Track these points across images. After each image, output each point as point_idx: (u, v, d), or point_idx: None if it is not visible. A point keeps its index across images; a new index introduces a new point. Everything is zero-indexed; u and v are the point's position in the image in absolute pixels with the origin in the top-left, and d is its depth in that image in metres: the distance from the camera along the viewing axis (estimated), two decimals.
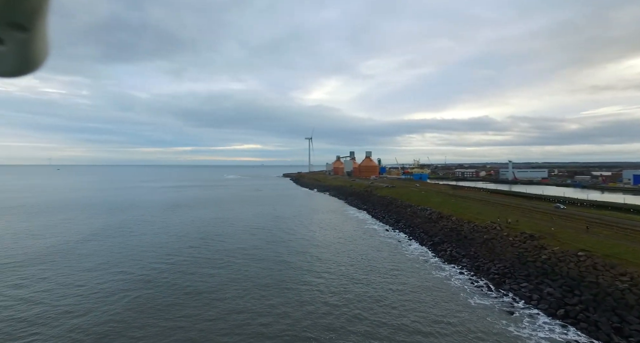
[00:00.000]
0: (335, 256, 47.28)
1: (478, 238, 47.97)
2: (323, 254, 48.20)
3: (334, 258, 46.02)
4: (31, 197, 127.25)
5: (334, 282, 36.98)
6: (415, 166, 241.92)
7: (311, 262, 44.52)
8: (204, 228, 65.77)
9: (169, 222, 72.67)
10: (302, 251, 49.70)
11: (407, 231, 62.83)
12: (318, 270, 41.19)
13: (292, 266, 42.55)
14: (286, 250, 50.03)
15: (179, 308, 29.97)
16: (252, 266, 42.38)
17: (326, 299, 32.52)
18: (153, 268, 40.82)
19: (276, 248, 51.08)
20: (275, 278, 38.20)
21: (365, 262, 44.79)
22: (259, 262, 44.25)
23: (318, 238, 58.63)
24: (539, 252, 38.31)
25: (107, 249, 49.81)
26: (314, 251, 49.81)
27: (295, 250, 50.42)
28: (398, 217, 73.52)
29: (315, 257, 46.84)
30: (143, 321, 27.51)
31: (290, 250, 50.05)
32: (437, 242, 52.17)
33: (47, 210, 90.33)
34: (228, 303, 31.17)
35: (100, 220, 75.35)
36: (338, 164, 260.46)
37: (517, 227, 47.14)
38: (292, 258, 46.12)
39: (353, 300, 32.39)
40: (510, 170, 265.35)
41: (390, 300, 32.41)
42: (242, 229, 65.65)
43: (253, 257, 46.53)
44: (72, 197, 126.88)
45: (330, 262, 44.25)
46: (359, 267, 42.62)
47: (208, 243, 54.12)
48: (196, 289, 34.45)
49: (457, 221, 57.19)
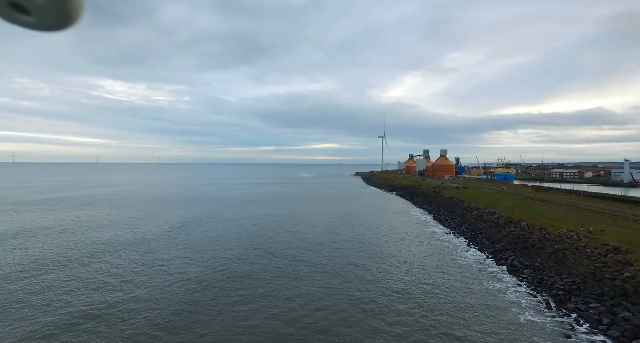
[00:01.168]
0: (382, 259, 45.82)
1: (547, 248, 41.48)
2: (369, 256, 47.11)
3: (379, 262, 44.64)
4: (127, 191, 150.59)
5: (370, 286, 35.97)
6: (499, 165, 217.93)
7: (354, 263, 43.93)
8: (262, 223, 69.84)
9: (235, 217, 78.89)
10: (347, 251, 49.31)
11: (468, 236, 57.47)
12: (358, 272, 40.49)
13: (327, 265, 42.57)
14: (329, 249, 50.21)
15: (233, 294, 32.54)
16: (290, 262, 43.65)
17: (360, 305, 31.87)
18: (211, 260, 44.99)
19: (318, 247, 51.62)
20: (298, 274, 38.75)
21: (411, 266, 42.47)
22: (295, 257, 45.35)
23: (370, 239, 57.44)
24: (622, 268, 31.50)
25: (174, 240, 56.36)
26: (361, 252, 48.98)
27: (341, 249, 50.25)
28: (461, 220, 67.60)
29: (359, 258, 46.06)
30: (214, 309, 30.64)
31: (335, 249, 50.07)
32: (498, 250, 46.67)
33: (134, 203, 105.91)
34: (274, 291, 32.80)
35: (177, 212, 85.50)
36: (410, 162, 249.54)
37: (600, 237, 39.39)
38: (330, 258, 46.14)
39: (384, 308, 31.13)
40: (627, 171, 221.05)
41: (424, 308, 30.24)
42: (299, 226, 67.87)
43: (296, 252, 47.85)
44: (163, 192, 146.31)
45: (375, 265, 43.05)
46: (404, 271, 40.60)
47: (266, 236, 57.37)
48: (247, 273, 36.96)
49: (526, 227, 50.23)
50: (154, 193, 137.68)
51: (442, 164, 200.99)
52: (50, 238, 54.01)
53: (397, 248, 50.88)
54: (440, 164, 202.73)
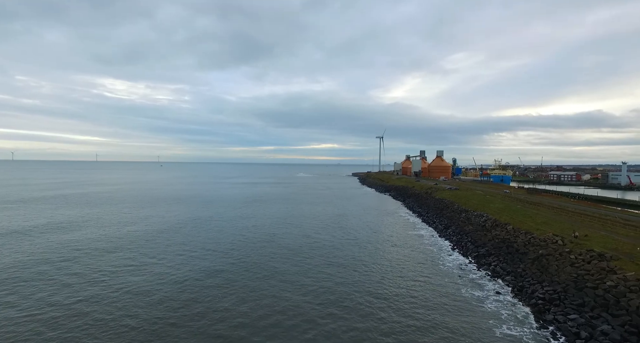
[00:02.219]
0: (359, 262, 44.08)
1: (531, 253, 39.77)
2: (346, 261, 45.37)
3: (354, 267, 42.89)
4: (117, 190, 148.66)
5: (340, 291, 34.22)
6: (496, 167, 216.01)
7: (332, 266, 42.18)
8: (244, 225, 68.05)
9: (217, 217, 77.08)
10: (324, 254, 47.57)
11: (453, 239, 55.75)
12: (335, 274, 38.75)
13: (302, 267, 40.82)
14: (309, 251, 48.47)
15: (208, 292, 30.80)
16: (267, 262, 41.90)
17: (326, 309, 30.11)
18: (185, 255, 43.25)
19: (299, 248, 49.88)
20: (275, 279, 37.01)
21: (392, 270, 40.75)
22: (274, 259, 43.60)
23: (352, 242, 55.71)
24: (605, 276, 29.79)
25: (151, 242, 54.57)
26: (337, 257, 47.24)
27: (322, 251, 48.51)
28: (449, 222, 65.88)
29: (335, 262, 44.32)
30: None
31: (314, 252, 48.32)
32: (482, 254, 44.95)
33: (118, 202, 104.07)
34: (252, 289, 31.05)
35: (159, 211, 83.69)
36: (407, 163, 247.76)
37: (586, 243, 37.68)
38: (308, 259, 44.39)
39: (356, 312, 29.37)
40: (624, 174, 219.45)
41: (394, 317, 28.49)
42: (280, 229, 66.11)
43: (274, 253, 46.10)
44: (152, 191, 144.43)
45: (348, 270, 41.31)
46: (383, 276, 38.87)
47: (244, 239, 55.60)
48: (220, 273, 35.23)
49: (512, 231, 48.52)
50: (143, 192, 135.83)
51: (437, 165, 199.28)
52: (23, 241, 52.29)
53: (378, 251, 49.15)
54: (436, 165, 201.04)
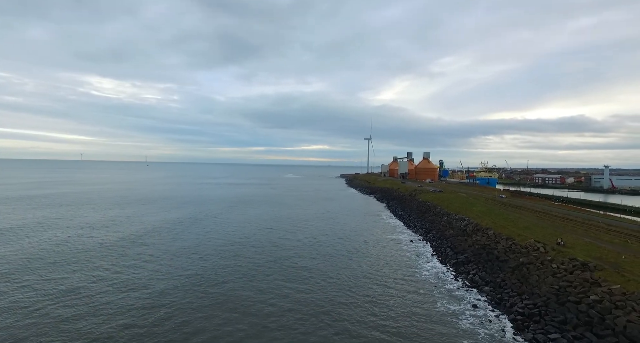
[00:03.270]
0: (330, 269, 40.82)
1: (512, 261, 37.15)
2: (317, 266, 42.09)
3: (327, 272, 39.62)
4: (94, 191, 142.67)
5: (309, 296, 30.87)
6: (482, 169, 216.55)
7: (296, 272, 38.79)
8: (216, 229, 64.21)
9: (186, 219, 73.01)
10: (293, 258, 44.17)
11: (433, 244, 53.06)
12: (299, 280, 35.37)
13: (260, 274, 37.35)
14: (281, 255, 45.02)
15: None
16: (220, 270, 38.28)
17: (281, 322, 26.69)
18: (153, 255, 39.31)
19: (273, 251, 46.38)
20: (237, 286, 33.46)
21: (363, 279, 37.60)
22: (240, 266, 40.00)
23: (326, 246, 52.50)
24: (588, 289, 27.18)
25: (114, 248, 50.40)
26: (308, 261, 43.92)
27: (288, 256, 45.11)
28: (430, 226, 63.25)
29: (306, 266, 40.98)
30: None
31: (280, 256, 44.88)
32: (460, 262, 42.21)
33: (96, 203, 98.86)
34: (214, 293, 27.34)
35: (126, 213, 79.10)
36: (394, 165, 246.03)
37: (569, 251, 35.21)
38: (272, 264, 40.92)
39: (317, 323, 26.02)
40: (606, 177, 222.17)
41: (362, 333, 25.27)
42: (256, 230, 62.53)
43: (233, 259, 42.48)
44: (129, 192, 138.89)
45: (320, 275, 38.03)
46: (353, 285, 35.68)
47: (213, 243, 51.83)
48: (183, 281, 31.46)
49: (493, 236, 45.97)
50: (120, 193, 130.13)
51: (424, 167, 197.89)
52: None
53: (351, 257, 45.99)
54: (422, 166, 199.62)
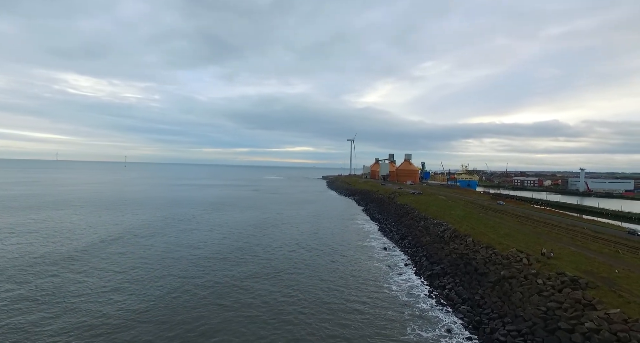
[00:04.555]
0: (291, 282, 35.36)
1: (492, 274, 32.68)
2: (277, 278, 36.58)
3: (286, 285, 34.15)
4: (62, 192, 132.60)
5: (257, 313, 25.29)
6: (463, 172, 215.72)
7: (250, 286, 33.14)
8: (177, 232, 57.72)
9: (140, 223, 66.08)
10: (249, 271, 38.49)
11: (408, 252, 48.44)
12: (252, 295, 29.73)
13: (224, 288, 31.56)
14: (233, 268, 39.23)
15: None
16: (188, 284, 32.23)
17: None
18: None
19: (226, 264, 40.54)
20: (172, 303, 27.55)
21: (327, 296, 32.38)
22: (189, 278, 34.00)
23: (291, 255, 47.13)
24: (582, 313, 22.76)
25: None
26: (269, 271, 38.34)
27: (247, 267, 39.41)
28: (406, 232, 58.72)
29: (264, 278, 35.37)
30: None
31: (235, 270, 39.11)
32: (436, 274, 37.55)
33: (53, 206, 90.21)
34: None
35: (83, 215, 71.41)
36: (375, 166, 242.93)
37: (555, 262, 30.99)
38: (222, 280, 35.14)
39: None
40: (582, 180, 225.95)
41: None
42: (219, 238, 56.40)
43: (200, 272, 36.43)
44: (106, 194, 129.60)
45: (278, 289, 32.54)
46: (312, 304, 30.34)
47: (173, 249, 45.48)
48: None
49: (472, 244, 41.64)
50: (89, 195, 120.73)
51: (405, 169, 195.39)
52: None
53: (316, 269, 40.69)
54: (403, 168, 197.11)
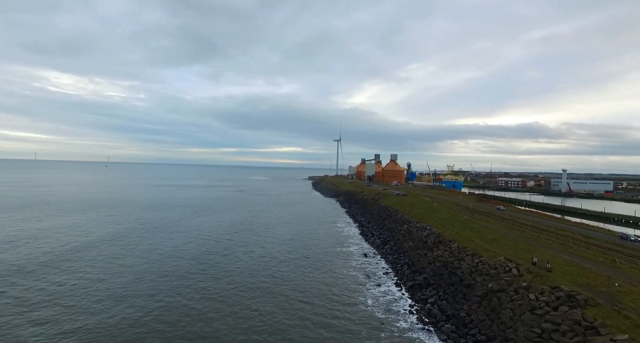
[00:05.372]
0: (255, 294, 31.21)
1: (479, 286, 29.31)
2: (243, 289, 32.39)
3: (250, 298, 29.99)
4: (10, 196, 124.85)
5: None
6: (449, 172, 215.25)
7: (211, 300, 28.84)
8: (146, 236, 52.76)
9: (110, 226, 60.77)
10: (213, 279, 34.16)
11: (389, 259, 44.88)
12: (212, 312, 25.44)
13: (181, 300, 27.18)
14: (195, 277, 34.82)
15: None
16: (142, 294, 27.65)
17: None
18: None
19: (191, 273, 36.09)
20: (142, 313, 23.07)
21: (293, 312, 28.37)
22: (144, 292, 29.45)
23: (263, 262, 43.04)
24: (583, 339, 19.44)
25: None
26: (236, 280, 34.09)
27: (210, 276, 35.06)
28: (389, 236, 55.25)
29: (227, 291, 31.11)
30: None
31: (197, 280, 34.72)
32: (418, 284, 34.03)
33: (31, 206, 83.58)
34: None
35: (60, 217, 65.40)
36: (361, 167, 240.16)
37: (548, 274, 27.79)
38: (181, 291, 30.77)
39: None
40: (564, 181, 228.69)
41: None
42: (189, 242, 51.74)
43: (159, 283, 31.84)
44: (82, 195, 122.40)
45: (241, 302, 28.35)
46: (273, 323, 26.27)
47: (141, 252, 40.62)
48: None
49: (457, 251, 38.34)
50: (61, 197, 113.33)
51: (391, 169, 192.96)
52: None
53: (287, 279, 36.67)
54: (389, 169, 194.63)
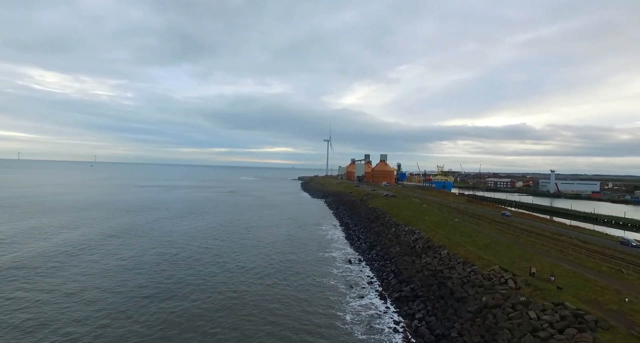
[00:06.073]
0: (225, 307, 27.38)
1: (472, 300, 26.06)
2: (210, 300, 28.49)
3: (219, 310, 26.15)
4: None
5: None
6: (438, 173, 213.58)
7: (177, 315, 24.94)
8: (121, 241, 48.32)
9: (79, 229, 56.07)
10: (178, 291, 30.22)
11: (375, 266, 41.44)
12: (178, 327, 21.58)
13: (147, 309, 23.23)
14: (160, 289, 30.81)
15: None
16: None
17: None
18: None
19: (159, 282, 32.03)
20: None
21: (263, 331, 24.60)
22: None
23: (238, 269, 39.22)
24: None
25: None
26: (205, 289, 30.18)
27: (179, 288, 31.10)
28: (375, 240, 51.87)
29: (193, 302, 27.20)
30: None
31: (160, 293, 30.73)
32: (404, 296, 30.64)
33: None
34: None
35: None
36: (351, 167, 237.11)
37: (549, 287, 24.70)
38: (145, 302, 26.78)
39: None
40: (553, 182, 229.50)
41: None
42: (165, 245, 47.52)
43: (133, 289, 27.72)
44: (58, 197, 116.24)
45: (209, 315, 24.51)
46: None
47: (115, 257, 36.26)
48: None
49: (447, 258, 35.13)
50: (37, 199, 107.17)
51: (381, 170, 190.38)
52: None
53: (260, 290, 32.92)
54: (379, 169, 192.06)
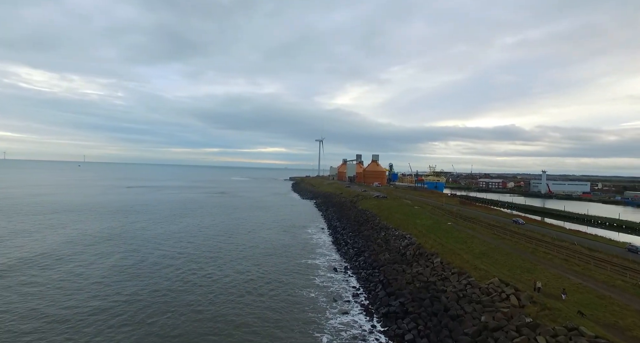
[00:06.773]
0: (190, 324, 23.47)
1: (469, 319, 22.58)
2: (178, 316, 24.52)
3: (182, 329, 22.25)
4: None
5: None
6: (431, 173, 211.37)
7: None
8: (95, 246, 43.93)
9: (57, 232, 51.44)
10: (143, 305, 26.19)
11: (362, 275, 37.85)
12: None
13: None
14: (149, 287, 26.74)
15: None
16: None
17: None
18: None
19: (129, 293, 27.94)
20: None
21: None
22: None
23: (210, 279, 35.26)
24: None
25: None
26: (171, 302, 26.19)
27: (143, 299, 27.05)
28: (364, 245, 48.29)
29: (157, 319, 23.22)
30: None
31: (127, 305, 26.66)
32: (393, 312, 27.07)
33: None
34: None
35: None
36: (343, 167, 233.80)
37: (558, 306, 21.34)
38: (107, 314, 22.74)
39: None
40: (544, 182, 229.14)
41: None
42: (137, 251, 43.28)
43: None
44: (38, 198, 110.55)
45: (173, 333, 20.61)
46: None
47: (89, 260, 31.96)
48: None
49: (440, 268, 31.69)
50: (16, 200, 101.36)
51: (372, 170, 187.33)
52: None
53: (229, 305, 29.07)
54: (371, 169, 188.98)
